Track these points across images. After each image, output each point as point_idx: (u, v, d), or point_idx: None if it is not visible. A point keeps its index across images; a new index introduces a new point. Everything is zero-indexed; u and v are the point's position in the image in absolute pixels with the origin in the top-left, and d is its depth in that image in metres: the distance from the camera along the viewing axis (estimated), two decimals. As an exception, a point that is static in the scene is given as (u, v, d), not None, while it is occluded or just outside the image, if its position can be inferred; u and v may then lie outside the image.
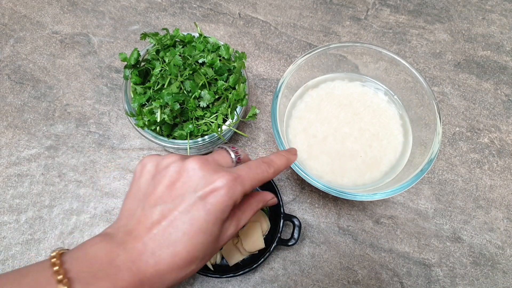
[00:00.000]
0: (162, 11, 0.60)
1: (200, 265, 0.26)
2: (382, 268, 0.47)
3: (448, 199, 0.50)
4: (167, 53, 0.42)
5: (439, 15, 0.61)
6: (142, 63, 0.44)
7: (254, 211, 0.31)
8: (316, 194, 0.50)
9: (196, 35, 0.45)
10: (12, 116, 0.53)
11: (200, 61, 0.42)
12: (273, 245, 0.42)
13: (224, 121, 0.42)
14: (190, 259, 0.24)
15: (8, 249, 0.46)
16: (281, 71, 0.56)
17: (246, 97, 0.43)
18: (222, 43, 0.44)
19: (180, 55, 0.42)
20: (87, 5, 0.60)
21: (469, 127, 0.54)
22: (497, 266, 0.47)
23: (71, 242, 0.47)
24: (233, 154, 0.31)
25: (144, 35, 0.42)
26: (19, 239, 0.47)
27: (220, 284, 0.45)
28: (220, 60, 0.43)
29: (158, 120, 0.39)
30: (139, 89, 0.42)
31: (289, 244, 0.43)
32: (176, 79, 0.40)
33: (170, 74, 0.41)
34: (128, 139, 0.52)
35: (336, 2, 0.61)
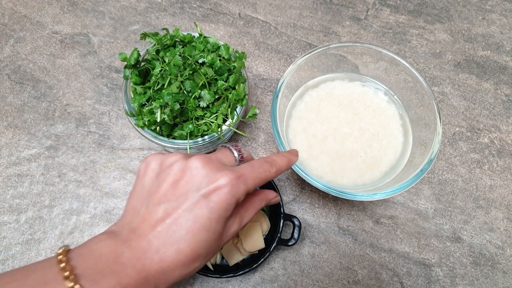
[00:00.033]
0: (162, 11, 0.60)
1: (204, 262, 0.26)
2: (382, 268, 0.47)
3: (448, 199, 0.50)
4: (167, 53, 0.42)
5: (439, 15, 0.61)
6: (142, 63, 0.44)
7: (257, 209, 0.31)
8: (316, 194, 0.50)
9: (196, 35, 0.45)
10: (12, 116, 0.53)
11: (200, 61, 0.42)
12: (273, 245, 0.42)
13: (224, 121, 0.42)
14: (194, 256, 0.25)
15: (8, 249, 0.46)
16: (281, 71, 0.56)
17: (246, 97, 0.43)
18: (222, 43, 0.44)
19: (180, 55, 0.42)
20: (87, 5, 0.60)
21: (469, 127, 0.54)
22: (497, 266, 0.47)
23: (71, 242, 0.47)
24: (236, 153, 0.31)
25: (144, 35, 0.42)
26: (19, 239, 0.47)
27: (220, 284, 0.45)
28: (220, 60, 0.43)
29: (158, 120, 0.39)
30: (139, 89, 0.42)
31: (289, 244, 0.43)
32: (176, 79, 0.40)
33: (170, 74, 0.41)
34: (128, 139, 0.52)
35: (336, 2, 0.61)
